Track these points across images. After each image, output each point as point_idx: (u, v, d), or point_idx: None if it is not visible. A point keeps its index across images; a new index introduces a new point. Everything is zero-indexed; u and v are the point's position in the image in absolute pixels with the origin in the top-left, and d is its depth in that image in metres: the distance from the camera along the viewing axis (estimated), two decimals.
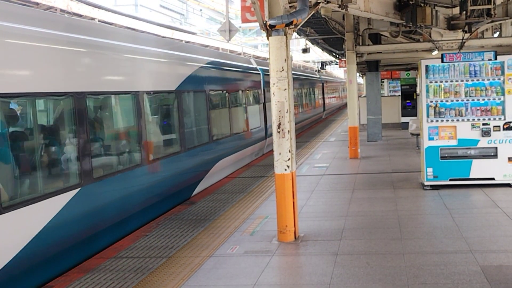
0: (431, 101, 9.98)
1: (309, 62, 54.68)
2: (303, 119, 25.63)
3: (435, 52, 16.55)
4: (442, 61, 9.89)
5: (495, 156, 9.81)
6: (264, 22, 7.00)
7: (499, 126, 9.77)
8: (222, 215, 8.81)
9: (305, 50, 29.35)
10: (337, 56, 35.19)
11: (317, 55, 49.94)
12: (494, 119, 9.81)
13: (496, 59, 9.74)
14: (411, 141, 17.58)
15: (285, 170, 7.13)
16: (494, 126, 9.78)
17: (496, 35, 19.09)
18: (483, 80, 9.84)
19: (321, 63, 44.52)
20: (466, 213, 8.24)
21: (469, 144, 9.88)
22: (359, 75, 39.28)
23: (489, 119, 9.82)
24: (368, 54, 16.88)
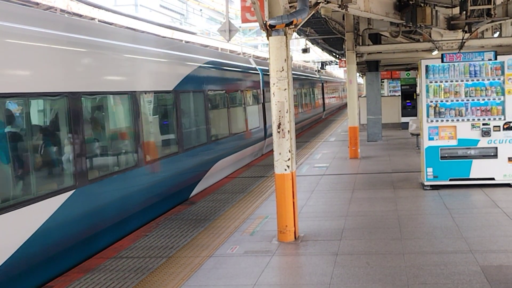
0: (431, 101, 9.98)
1: (309, 62, 54.67)
2: (303, 119, 25.60)
3: (435, 52, 16.55)
4: (442, 61, 9.89)
5: (495, 156, 9.81)
6: (264, 22, 7.00)
7: (499, 126, 9.78)
8: (222, 215, 8.80)
9: (305, 50, 29.36)
10: (337, 56, 35.19)
11: (317, 55, 49.95)
12: (494, 119, 9.81)
13: (496, 59, 9.75)
14: (411, 141, 17.58)
15: (285, 170, 7.13)
16: (494, 126, 9.79)
17: (496, 35, 19.09)
18: (483, 80, 9.84)
19: (321, 63, 44.51)
20: (466, 213, 8.24)
21: (469, 144, 9.88)
22: (359, 75, 39.27)
23: (489, 119, 9.82)
24: (368, 54, 16.88)
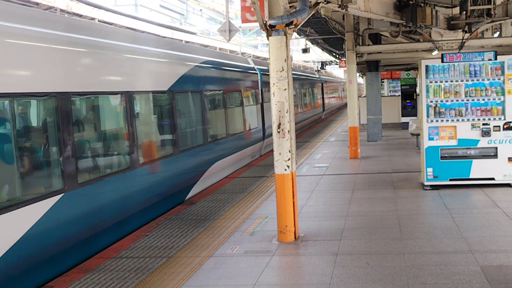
0: (431, 101, 9.98)
1: (309, 62, 54.68)
2: (303, 119, 25.57)
3: (435, 52, 16.55)
4: (442, 61, 9.89)
5: (495, 156, 9.81)
6: (264, 22, 7.00)
7: (499, 126, 9.78)
8: (222, 215, 8.80)
9: (305, 50, 29.38)
10: (337, 56, 35.20)
11: (317, 55, 49.96)
12: (494, 119, 9.81)
13: (496, 59, 9.75)
14: (411, 141, 17.58)
15: (285, 170, 7.13)
16: (494, 126, 9.79)
17: (496, 35, 19.10)
18: (483, 80, 9.84)
19: (321, 63, 44.50)
20: (466, 213, 8.24)
21: (469, 144, 9.88)
22: (359, 75, 39.27)
23: (489, 119, 9.82)
24: (368, 54, 16.88)
